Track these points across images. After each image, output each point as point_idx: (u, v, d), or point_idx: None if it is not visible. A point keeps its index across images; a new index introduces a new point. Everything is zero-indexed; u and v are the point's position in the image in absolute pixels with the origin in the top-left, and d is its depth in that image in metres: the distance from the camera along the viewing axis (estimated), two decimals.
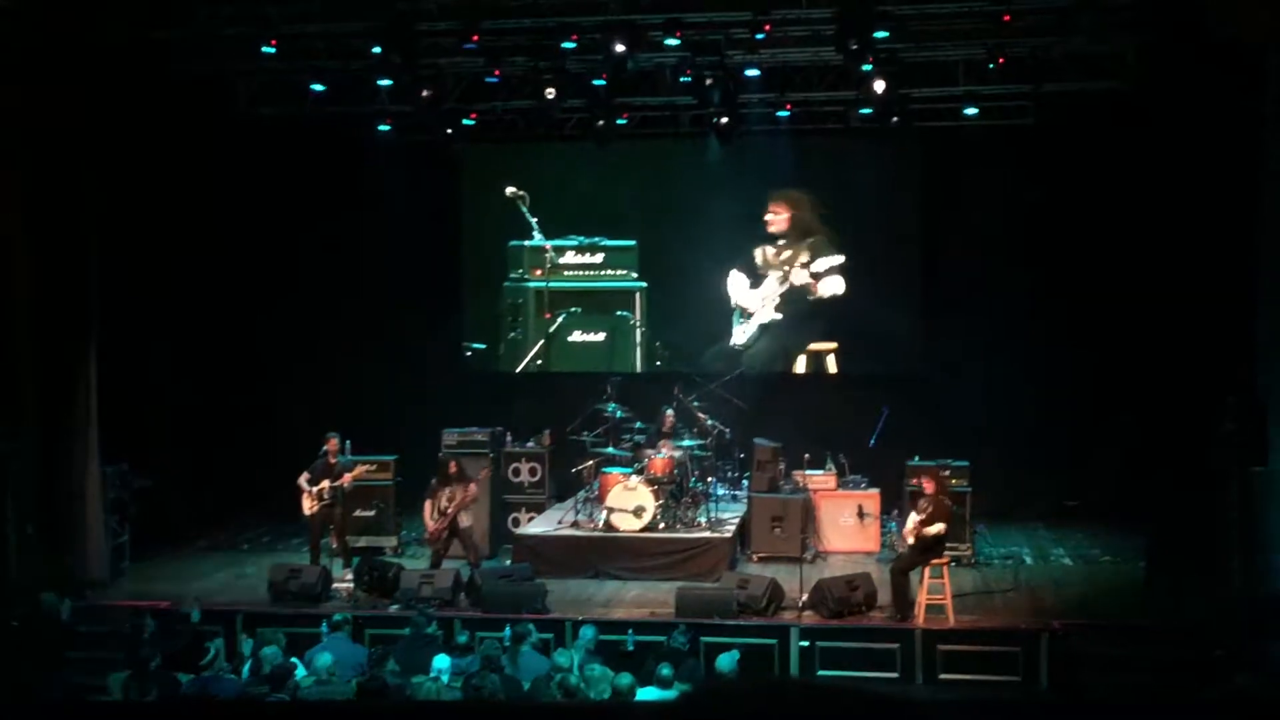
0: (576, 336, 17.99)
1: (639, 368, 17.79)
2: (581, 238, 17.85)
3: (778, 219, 17.24)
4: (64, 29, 13.38)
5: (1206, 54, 13.10)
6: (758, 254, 17.33)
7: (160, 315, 15.96)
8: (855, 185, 17.18)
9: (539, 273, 17.86)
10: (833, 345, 17.30)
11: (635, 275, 17.80)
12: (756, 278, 17.38)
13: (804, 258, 17.19)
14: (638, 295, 17.82)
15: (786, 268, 17.21)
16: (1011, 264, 16.45)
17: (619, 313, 17.89)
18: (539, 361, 17.92)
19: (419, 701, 9.77)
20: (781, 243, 17.32)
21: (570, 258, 17.91)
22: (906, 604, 12.60)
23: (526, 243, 17.79)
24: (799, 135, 16.72)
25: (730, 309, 17.46)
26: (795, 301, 17.30)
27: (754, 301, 17.38)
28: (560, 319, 17.94)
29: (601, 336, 17.96)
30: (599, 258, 17.89)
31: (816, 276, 17.13)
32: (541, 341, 17.94)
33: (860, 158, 17.11)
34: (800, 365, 17.46)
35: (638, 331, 17.86)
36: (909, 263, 17.13)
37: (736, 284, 17.42)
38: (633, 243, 17.75)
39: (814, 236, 17.18)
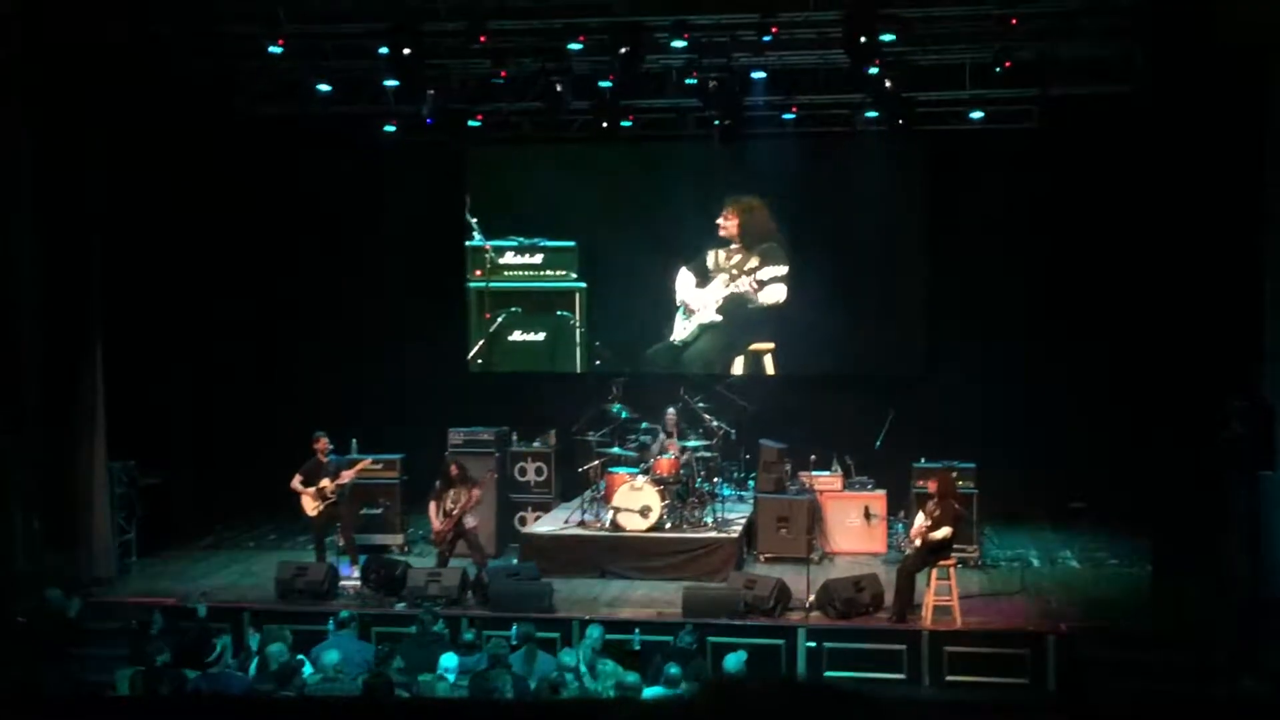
0: (517, 336, 18.17)
1: (579, 368, 17.96)
2: (521, 238, 18.03)
3: (728, 224, 17.45)
4: (68, 26, 13.40)
5: (1212, 57, 13.12)
6: (710, 256, 17.54)
7: (165, 312, 15.96)
8: (860, 188, 17.23)
9: (479, 273, 18.03)
10: (770, 345, 17.51)
11: (575, 275, 17.97)
12: (705, 278, 17.56)
13: (753, 264, 17.40)
14: (578, 295, 17.99)
15: (735, 271, 17.42)
16: (1017, 266, 16.47)
17: (559, 313, 18.04)
18: (480, 361, 18.08)
19: (425, 699, 9.77)
20: (734, 247, 17.51)
21: (510, 258, 18.10)
22: (907, 605, 12.61)
23: (467, 243, 17.99)
24: (804, 137, 16.76)
25: (675, 306, 17.64)
26: (737, 304, 17.51)
27: (698, 301, 17.55)
28: (500, 319, 18.08)
29: (541, 336, 18.13)
30: (539, 258, 18.06)
31: (760, 284, 17.36)
32: (482, 341, 18.09)
33: (866, 161, 17.14)
34: (739, 366, 17.62)
35: (578, 331, 18.01)
36: (914, 265, 17.15)
37: (684, 281, 17.62)
38: (572, 243, 17.91)
39: (766, 244, 17.38)
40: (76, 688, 10.86)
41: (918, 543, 12.74)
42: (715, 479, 15.54)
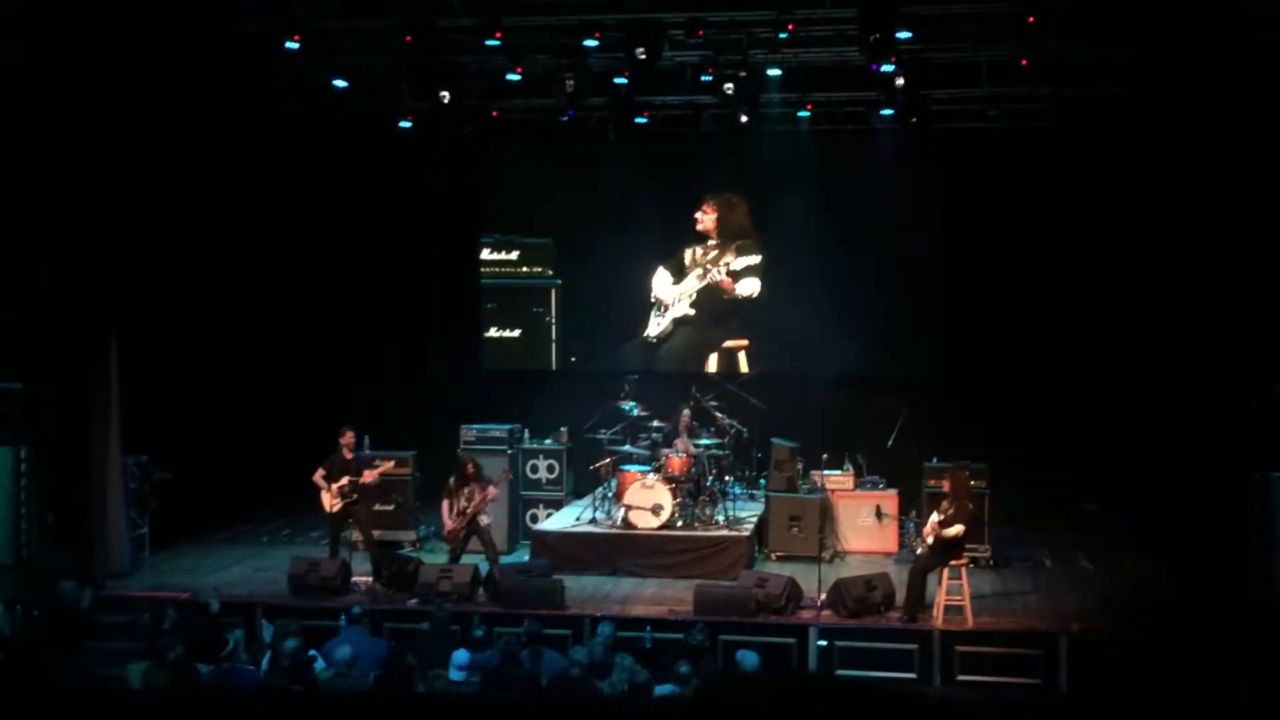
0: (493, 333, 18.23)
1: (554, 365, 18.02)
2: (497, 235, 18.08)
3: (706, 218, 17.51)
4: (86, 24, 13.44)
5: (1231, 56, 13.07)
6: (686, 253, 17.60)
7: (181, 308, 16.00)
8: (875, 186, 17.20)
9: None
10: (744, 343, 17.56)
11: (550, 272, 18.02)
12: (680, 274, 17.64)
13: (728, 257, 17.47)
14: (553, 292, 18.03)
15: (710, 266, 17.48)
16: (1031, 266, 16.42)
17: (535, 310, 18.09)
18: None
19: (437, 694, 9.78)
20: (710, 243, 17.58)
21: (486, 254, 18.16)
22: (919, 605, 12.59)
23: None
24: (820, 135, 16.72)
25: (649, 303, 17.70)
26: (711, 299, 17.56)
27: (671, 295, 17.62)
28: None
29: (517, 333, 18.18)
30: (515, 254, 18.10)
31: (734, 275, 17.45)
32: None
33: (880, 159, 17.11)
34: (713, 363, 17.67)
35: (553, 328, 18.06)
36: (928, 264, 17.12)
37: (660, 279, 17.71)
38: (548, 240, 17.95)
39: (742, 240, 17.44)
40: (89, 681, 10.89)
41: (930, 541, 12.72)
42: (727, 477, 15.54)
